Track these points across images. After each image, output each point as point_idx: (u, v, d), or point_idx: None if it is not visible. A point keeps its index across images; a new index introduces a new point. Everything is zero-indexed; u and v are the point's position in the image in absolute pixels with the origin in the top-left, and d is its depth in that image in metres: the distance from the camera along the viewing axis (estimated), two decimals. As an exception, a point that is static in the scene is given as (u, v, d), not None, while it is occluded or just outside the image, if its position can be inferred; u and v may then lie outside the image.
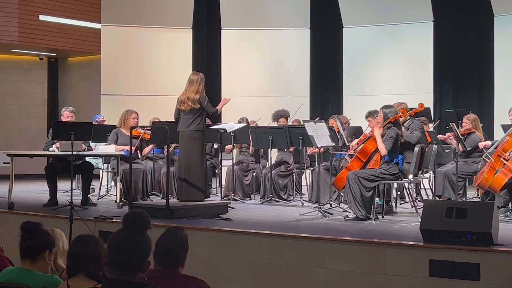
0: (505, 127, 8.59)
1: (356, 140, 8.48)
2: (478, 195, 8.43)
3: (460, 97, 12.79)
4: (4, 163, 8.66)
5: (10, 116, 15.66)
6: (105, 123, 10.88)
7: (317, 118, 11.23)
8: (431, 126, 9.96)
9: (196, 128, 7.77)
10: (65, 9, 14.56)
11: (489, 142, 8.14)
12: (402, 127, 7.54)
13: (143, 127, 8.99)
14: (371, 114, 8.40)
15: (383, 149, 7.14)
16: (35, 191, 10.70)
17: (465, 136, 8.38)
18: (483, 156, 8.04)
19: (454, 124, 7.93)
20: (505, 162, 7.11)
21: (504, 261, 5.04)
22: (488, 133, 9.94)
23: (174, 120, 8.05)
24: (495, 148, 7.51)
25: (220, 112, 12.80)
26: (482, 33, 12.47)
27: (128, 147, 8.44)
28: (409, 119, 8.15)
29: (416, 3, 12.27)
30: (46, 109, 16.13)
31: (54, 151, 8.61)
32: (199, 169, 7.78)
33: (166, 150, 8.30)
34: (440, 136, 9.03)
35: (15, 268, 3.73)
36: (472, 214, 5.35)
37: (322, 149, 8.70)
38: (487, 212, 5.34)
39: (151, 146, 9.19)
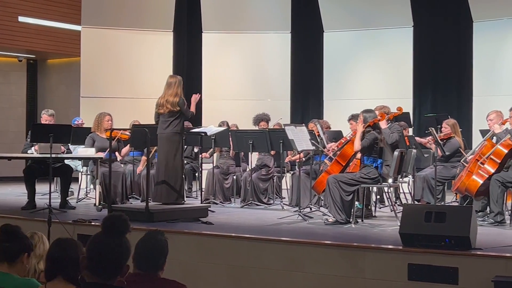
0: (483, 132, 8.68)
1: (332, 144, 8.51)
2: (456, 199, 8.50)
3: (439, 102, 12.90)
4: (-18, 165, 8.58)
5: (-12, 118, 15.52)
6: (84, 126, 10.81)
7: (278, 119, 11.23)
8: (410, 131, 10.02)
9: (174, 130, 7.73)
10: (44, 10, 14.46)
11: None
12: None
13: (119, 129, 8.94)
14: (353, 117, 8.44)
15: (357, 144, 7.17)
16: (14, 194, 10.60)
17: (444, 140, 8.45)
18: (461, 161, 8.11)
19: (433, 128, 8.00)
20: (481, 165, 7.19)
21: (482, 265, 5.08)
22: (467, 138, 10.04)
23: (155, 123, 8.01)
24: (474, 153, 7.59)
25: (201, 115, 12.88)
26: (461, 38, 12.59)
27: (106, 153, 8.41)
28: (389, 122, 8.20)
29: (396, 9, 12.35)
30: (25, 111, 15.99)
31: (32, 153, 8.55)
32: (176, 171, 7.73)
33: (145, 153, 8.26)
34: (418, 138, 9.08)
35: (-8, 272, 3.69)
36: (450, 218, 5.39)
37: (302, 155, 8.73)
38: (465, 216, 5.38)
39: (127, 147, 9.14)
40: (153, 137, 7.72)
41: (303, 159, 8.96)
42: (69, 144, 9.02)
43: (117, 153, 9.09)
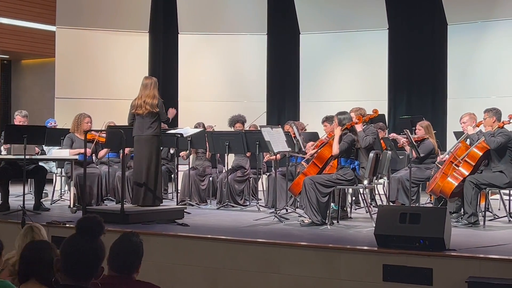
0: (457, 134, 8.77)
1: (311, 143, 8.54)
2: (431, 200, 8.57)
3: (414, 104, 13.00)
4: (-46, 166, 8.45)
5: (-40, 119, 15.33)
6: (58, 127, 10.72)
7: (262, 113, 11.29)
8: (386, 132, 10.08)
9: (154, 132, 7.70)
10: (19, 11, 14.32)
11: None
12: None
13: (97, 131, 8.89)
14: (328, 119, 8.48)
15: (335, 148, 7.21)
16: (-14, 196, 10.46)
17: (419, 142, 8.51)
18: (436, 163, 8.19)
19: (408, 130, 8.05)
20: (456, 167, 7.26)
21: (456, 266, 5.13)
22: (441, 140, 10.13)
23: (128, 125, 7.95)
24: (448, 155, 7.66)
25: (177, 117, 12.84)
26: (435, 41, 12.70)
27: (82, 150, 8.35)
28: (364, 124, 8.25)
29: (371, 11, 12.43)
30: (-2, 112, 15.84)
31: (6, 155, 8.45)
32: (154, 174, 7.71)
33: (121, 154, 8.21)
34: (394, 134, 9.10)
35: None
36: (425, 219, 5.44)
37: (279, 156, 8.74)
38: (439, 218, 5.43)
39: (105, 149, 9.09)
40: (128, 138, 7.68)
41: (279, 159, 8.97)
42: (43, 146, 8.93)
43: (94, 155, 9.03)
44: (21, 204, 7.38)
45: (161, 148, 9.74)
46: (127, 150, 9.02)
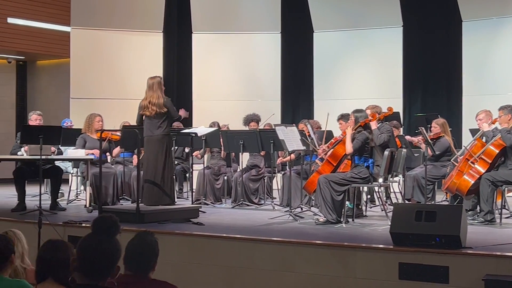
0: (473, 131, 8.71)
1: (325, 145, 8.52)
2: (446, 198, 8.53)
3: (429, 102, 12.94)
4: (-29, 167, 8.54)
5: (-23, 120, 15.46)
6: (74, 127, 10.77)
7: (272, 115, 11.26)
8: (401, 130, 10.05)
9: (164, 132, 7.71)
10: (34, 12, 14.40)
11: None
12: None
13: (109, 130, 8.92)
14: (343, 117, 8.45)
15: (349, 148, 7.19)
16: (3, 196, 10.55)
17: (434, 140, 8.47)
18: (451, 160, 8.14)
19: (423, 128, 8.02)
20: (472, 165, 7.22)
21: (472, 264, 5.10)
22: (457, 138, 10.06)
23: (136, 123, 7.94)
24: (464, 152, 7.62)
25: (191, 116, 12.87)
26: (450, 38, 12.63)
27: (96, 151, 8.38)
28: (379, 122, 8.22)
29: (385, 9, 12.38)
30: (14, 112, 15.93)
31: (22, 155, 8.51)
32: (166, 174, 7.72)
33: (136, 154, 8.24)
34: (408, 137, 9.09)
35: (-18, 274, 3.67)
36: (441, 217, 5.41)
37: (293, 156, 8.73)
38: (455, 215, 5.40)
39: (119, 147, 9.11)
40: (142, 138, 7.70)
41: (294, 159, 8.97)
42: (59, 146, 8.99)
43: (108, 154, 9.07)
44: (38, 204, 7.42)
45: (176, 147, 9.80)
46: (142, 149, 9.05)
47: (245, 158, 9.52)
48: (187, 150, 10.14)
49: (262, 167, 9.48)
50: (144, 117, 7.74)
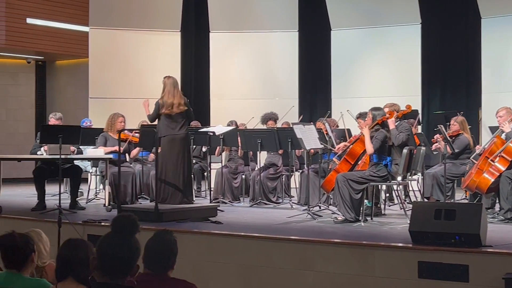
0: (492, 129, 8.64)
1: (343, 143, 8.50)
2: (466, 196, 8.47)
3: (448, 99, 12.87)
4: (-9, 167, 8.60)
5: (-3, 120, 15.60)
6: (93, 127, 10.84)
7: (301, 117, 11.26)
8: (419, 128, 9.99)
9: (186, 131, 7.78)
10: (52, 12, 14.51)
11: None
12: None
13: (130, 130, 8.97)
14: (361, 116, 8.41)
15: (369, 148, 7.16)
16: (23, 195, 10.64)
17: (453, 138, 8.42)
18: (471, 158, 8.08)
19: (442, 126, 7.97)
20: (492, 163, 7.16)
21: (493, 262, 5.06)
22: (476, 135, 10.00)
23: (151, 121, 7.94)
24: (483, 149, 7.56)
25: (209, 115, 12.91)
26: (469, 35, 12.54)
27: (115, 148, 8.43)
28: (397, 120, 8.18)
29: (403, 6, 12.32)
30: (34, 112, 16.05)
31: (42, 154, 8.58)
32: (187, 172, 7.76)
33: (154, 153, 8.27)
34: (436, 145, 8.95)
35: (3, 273, 3.71)
36: (460, 215, 5.37)
37: (312, 150, 8.71)
38: (475, 214, 5.36)
39: (137, 148, 9.16)
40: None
41: (312, 154, 8.96)
42: (79, 145, 9.05)
43: (126, 154, 9.12)
44: (57, 203, 7.47)
45: (194, 146, 9.83)
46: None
47: (263, 157, 9.52)
48: (204, 149, 10.16)
49: (280, 166, 9.48)
50: (162, 115, 7.74)
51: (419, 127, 9.98)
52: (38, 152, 8.78)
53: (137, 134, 8.95)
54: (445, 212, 5.44)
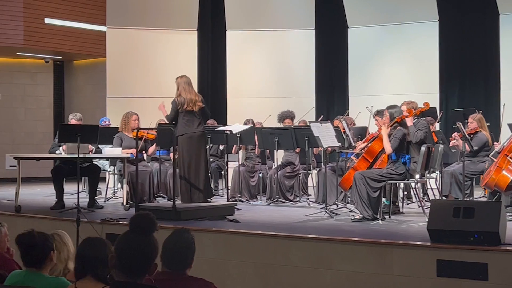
0: (511, 126, 8.57)
1: (361, 142, 8.47)
2: (485, 194, 8.41)
3: (466, 96, 12.77)
4: (11, 166, 8.68)
5: (16, 120, 15.70)
6: (111, 126, 10.89)
7: (321, 117, 11.24)
8: (437, 126, 9.92)
9: (203, 129, 7.82)
10: (70, 12, 14.60)
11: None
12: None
13: (145, 129, 8.99)
14: (379, 113, 8.38)
15: (388, 148, 7.13)
16: (42, 194, 10.72)
17: (472, 135, 8.36)
18: (489, 155, 8.02)
19: (460, 123, 7.91)
20: (511, 160, 7.10)
21: (512, 261, 5.03)
22: (495, 132, 9.90)
23: (170, 122, 7.93)
24: (503, 147, 7.49)
25: (226, 113, 12.93)
26: (487, 32, 12.44)
27: (133, 150, 8.46)
28: (415, 118, 8.13)
29: (421, 3, 12.25)
30: (52, 112, 16.16)
31: (60, 153, 8.63)
32: (204, 171, 7.79)
33: (172, 152, 8.30)
34: (451, 143, 8.90)
35: (23, 271, 3.74)
36: (479, 213, 5.34)
37: (329, 149, 8.69)
38: (494, 212, 5.33)
39: (154, 146, 9.19)
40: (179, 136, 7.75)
41: (329, 152, 8.94)
42: (98, 145, 9.10)
43: (144, 152, 9.15)
44: (76, 202, 7.52)
45: (211, 145, 9.85)
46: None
47: (279, 155, 9.51)
48: (221, 147, 10.17)
49: (297, 164, 9.46)
50: (180, 114, 7.76)
51: (437, 125, 9.90)
52: (57, 151, 8.83)
53: (151, 132, 8.98)
54: (463, 210, 5.41)
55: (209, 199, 7.83)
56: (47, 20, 14.30)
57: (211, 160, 10.18)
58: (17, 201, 8.16)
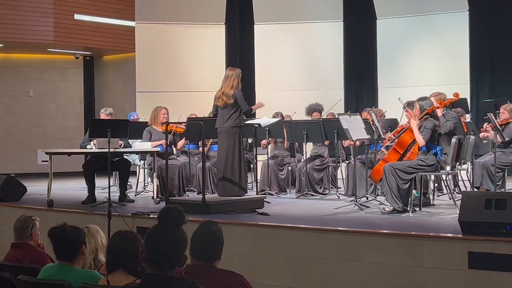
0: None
1: (390, 133, 8.40)
2: (517, 185, 8.31)
3: (497, 87, 12.59)
4: (43, 161, 8.81)
5: (47, 115, 15.90)
6: (140, 120, 10.97)
7: (349, 112, 11.18)
8: (468, 117, 9.81)
9: (233, 124, 7.78)
10: (99, 8, 14.72)
11: None
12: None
13: (174, 123, 9.04)
14: (409, 105, 8.31)
15: (420, 140, 7.07)
16: (74, 189, 10.85)
17: (503, 126, 8.25)
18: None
19: (491, 114, 7.82)
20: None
21: (546, 253, 4.96)
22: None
23: (212, 116, 8.08)
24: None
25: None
26: (519, 21, 12.25)
27: (162, 141, 8.51)
28: (445, 109, 8.05)
29: (450, -8, 12.10)
30: (82, 107, 16.33)
31: (91, 148, 8.72)
32: (236, 165, 7.79)
33: (201, 146, 8.33)
34: (482, 135, 8.79)
35: (55, 265, 3.79)
36: (511, 205, 5.27)
37: (358, 143, 8.65)
38: (527, 203, 5.25)
39: (183, 139, 9.24)
40: (208, 130, 7.77)
41: (358, 146, 8.90)
42: (128, 140, 9.17)
43: (173, 147, 9.21)
44: (107, 196, 7.60)
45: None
46: (208, 141, 9.14)
47: (308, 148, 9.49)
48: (250, 140, 10.18)
49: (326, 157, 9.44)
50: (218, 107, 7.84)
51: (467, 116, 9.78)
52: (88, 146, 8.92)
53: (180, 125, 9.03)
54: (495, 202, 5.35)
55: (243, 194, 7.85)
56: (77, 16, 14.44)
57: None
58: (49, 196, 8.27)
